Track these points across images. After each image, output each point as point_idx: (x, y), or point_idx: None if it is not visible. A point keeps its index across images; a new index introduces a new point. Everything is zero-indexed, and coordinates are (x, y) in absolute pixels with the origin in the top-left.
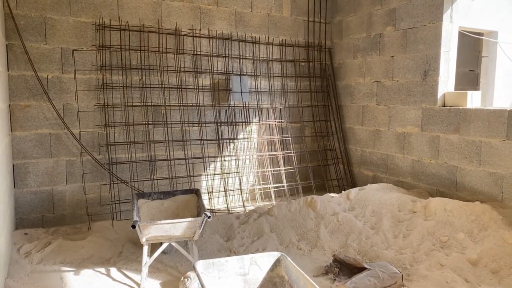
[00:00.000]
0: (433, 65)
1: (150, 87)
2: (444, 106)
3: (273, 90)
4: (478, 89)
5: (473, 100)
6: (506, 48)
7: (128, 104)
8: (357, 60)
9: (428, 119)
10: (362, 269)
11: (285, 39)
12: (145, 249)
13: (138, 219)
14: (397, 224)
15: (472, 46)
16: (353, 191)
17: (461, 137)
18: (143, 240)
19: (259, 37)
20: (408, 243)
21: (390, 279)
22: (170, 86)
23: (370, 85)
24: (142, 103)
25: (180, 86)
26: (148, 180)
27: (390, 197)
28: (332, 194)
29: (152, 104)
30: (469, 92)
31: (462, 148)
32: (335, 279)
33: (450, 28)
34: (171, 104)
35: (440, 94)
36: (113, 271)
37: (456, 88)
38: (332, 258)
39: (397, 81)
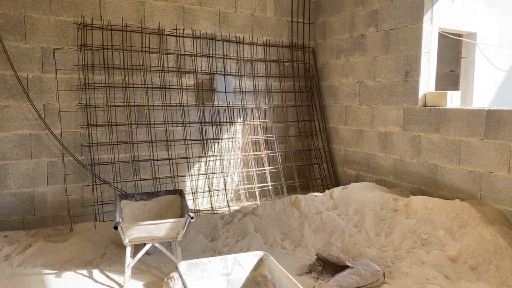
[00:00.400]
0: (414, 66)
1: (133, 87)
2: (425, 106)
3: (257, 90)
4: (459, 89)
5: (453, 100)
6: (485, 49)
7: (111, 104)
8: (340, 60)
9: (409, 118)
10: (345, 267)
11: (269, 39)
12: (128, 250)
13: (120, 220)
14: (380, 222)
15: (452, 47)
16: (337, 190)
17: (441, 136)
18: (125, 241)
19: (243, 37)
20: (390, 241)
21: (372, 276)
22: (153, 86)
23: (353, 85)
24: (125, 103)
25: (163, 86)
26: (131, 181)
27: (373, 195)
28: (316, 193)
29: (135, 104)
30: (449, 92)
31: (442, 147)
32: (318, 278)
33: (430, 29)
34: (154, 104)
35: (421, 94)
36: (96, 273)
37: (437, 88)
38: (316, 256)
39: (379, 81)
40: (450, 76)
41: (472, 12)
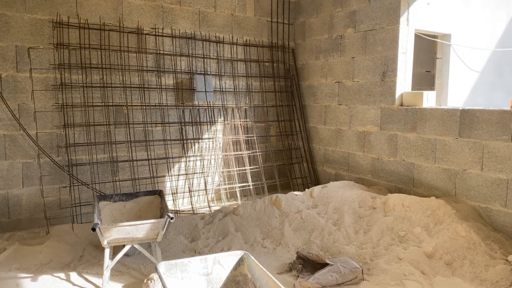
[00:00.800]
0: (391, 66)
1: (112, 87)
2: (402, 105)
3: (237, 90)
4: (434, 89)
5: (429, 99)
6: (459, 50)
7: (89, 104)
8: (320, 61)
9: (386, 118)
10: (325, 265)
11: (249, 39)
12: (107, 252)
13: (99, 222)
14: (358, 220)
15: (428, 48)
16: (316, 189)
17: (417, 135)
18: (104, 243)
19: (223, 37)
20: (369, 238)
21: (351, 273)
22: (132, 85)
23: (332, 86)
24: (103, 103)
25: (142, 86)
26: (110, 181)
27: (351, 194)
28: (296, 192)
29: (114, 104)
30: (425, 92)
31: (419, 146)
32: (298, 276)
33: (406, 30)
34: (133, 104)
35: (398, 94)
36: (73, 275)
37: (414, 88)
38: (296, 255)
39: (357, 81)
40: (426, 76)
41: (447, 14)
